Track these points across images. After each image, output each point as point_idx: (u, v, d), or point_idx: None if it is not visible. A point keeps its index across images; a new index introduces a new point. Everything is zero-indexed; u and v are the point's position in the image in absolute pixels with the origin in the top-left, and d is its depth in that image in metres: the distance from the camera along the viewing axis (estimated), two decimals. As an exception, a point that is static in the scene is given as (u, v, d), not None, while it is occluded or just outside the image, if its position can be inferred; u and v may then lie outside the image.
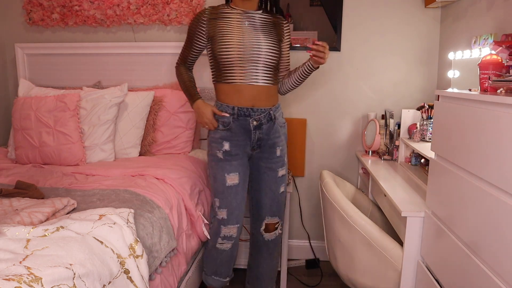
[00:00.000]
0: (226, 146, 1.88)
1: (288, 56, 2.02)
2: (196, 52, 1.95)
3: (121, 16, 2.62)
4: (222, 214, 1.93)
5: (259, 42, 1.82)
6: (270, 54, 1.84)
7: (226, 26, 1.82)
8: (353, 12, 2.51)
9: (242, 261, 2.46)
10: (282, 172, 2.01)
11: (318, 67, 1.89)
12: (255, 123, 1.87)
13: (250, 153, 1.95)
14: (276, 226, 2.07)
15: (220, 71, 1.86)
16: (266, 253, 2.12)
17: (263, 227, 2.05)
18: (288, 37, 1.98)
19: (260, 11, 1.90)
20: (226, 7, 1.88)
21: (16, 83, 2.76)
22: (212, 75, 1.93)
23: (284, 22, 1.96)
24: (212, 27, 1.83)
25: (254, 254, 2.15)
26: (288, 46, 2.00)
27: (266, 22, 1.89)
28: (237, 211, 1.93)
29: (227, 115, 1.86)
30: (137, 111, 2.37)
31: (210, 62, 1.92)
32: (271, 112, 1.90)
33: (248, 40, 1.81)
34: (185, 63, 1.99)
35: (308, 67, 1.89)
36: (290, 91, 2.04)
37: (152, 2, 2.58)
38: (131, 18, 2.61)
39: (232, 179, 1.90)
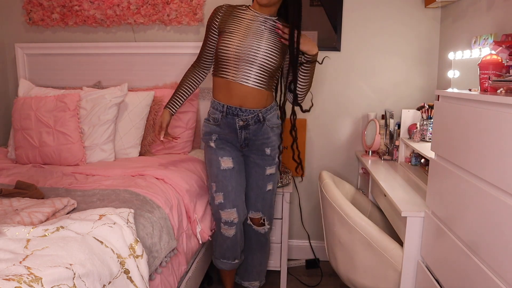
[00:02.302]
0: (216, 137, 1.97)
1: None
2: (210, 47, 1.98)
3: (121, 16, 2.62)
4: (219, 198, 1.98)
5: (259, 45, 1.85)
6: (267, 58, 1.85)
7: (234, 24, 1.88)
8: (353, 12, 2.51)
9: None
10: (270, 170, 2.03)
11: (309, 57, 1.87)
12: (241, 123, 1.92)
13: (240, 150, 2.01)
14: (261, 222, 2.13)
15: (217, 65, 1.93)
16: (257, 245, 2.18)
17: (248, 220, 2.12)
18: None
19: (276, 17, 1.90)
20: (243, 7, 1.93)
21: (16, 83, 2.76)
22: (213, 68, 1.99)
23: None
24: (223, 22, 1.90)
25: (246, 245, 2.20)
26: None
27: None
28: (233, 195, 1.96)
29: (176, 141, 2.13)
30: (137, 111, 2.37)
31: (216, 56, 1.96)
32: (260, 114, 1.92)
33: (249, 40, 1.85)
34: (199, 61, 2.02)
35: (301, 57, 1.88)
36: (303, 92, 1.97)
37: (152, 2, 2.58)
38: (131, 18, 2.61)
39: (226, 162, 1.96)
